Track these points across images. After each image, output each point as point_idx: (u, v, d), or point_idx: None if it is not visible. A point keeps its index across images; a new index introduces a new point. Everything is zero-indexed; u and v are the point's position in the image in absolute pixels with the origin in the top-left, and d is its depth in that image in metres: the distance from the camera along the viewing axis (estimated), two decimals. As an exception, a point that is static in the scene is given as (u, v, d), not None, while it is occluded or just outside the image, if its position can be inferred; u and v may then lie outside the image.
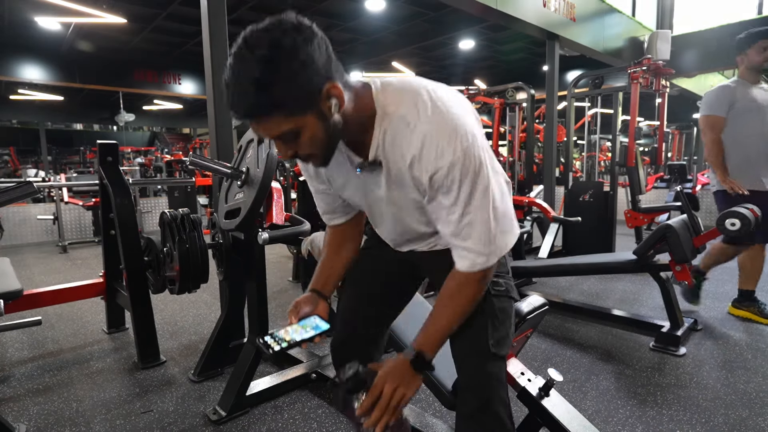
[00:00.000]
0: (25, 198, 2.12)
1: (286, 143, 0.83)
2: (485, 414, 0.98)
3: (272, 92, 0.74)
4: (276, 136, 0.82)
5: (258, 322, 1.89)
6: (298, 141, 0.82)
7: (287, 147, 0.84)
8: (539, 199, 4.14)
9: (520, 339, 1.24)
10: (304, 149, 0.84)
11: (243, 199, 1.69)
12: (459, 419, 1.03)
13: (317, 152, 0.86)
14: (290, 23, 0.79)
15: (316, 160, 0.88)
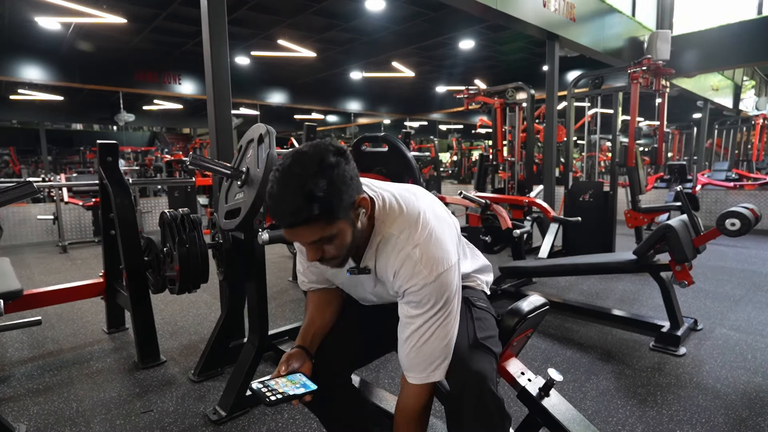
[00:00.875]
0: (25, 198, 2.12)
1: (318, 248, 0.94)
2: (476, 402, 0.97)
3: (320, 203, 0.85)
4: (313, 242, 0.92)
5: (258, 322, 1.89)
6: (329, 246, 0.93)
7: (317, 251, 0.94)
8: (539, 199, 4.13)
9: (520, 339, 1.24)
10: (331, 253, 0.94)
11: (243, 199, 1.68)
12: (448, 406, 1.02)
13: (341, 255, 0.97)
14: (332, 146, 0.91)
15: (337, 262, 0.98)
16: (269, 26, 7.38)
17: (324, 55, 8.92)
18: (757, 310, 2.96)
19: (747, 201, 6.15)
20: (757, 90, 11.68)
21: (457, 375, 1.01)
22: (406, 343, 1.00)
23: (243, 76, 10.08)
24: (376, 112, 13.73)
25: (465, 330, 1.07)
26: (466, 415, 0.97)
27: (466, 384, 0.99)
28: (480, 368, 0.99)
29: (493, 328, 1.16)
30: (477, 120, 8.72)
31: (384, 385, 2.06)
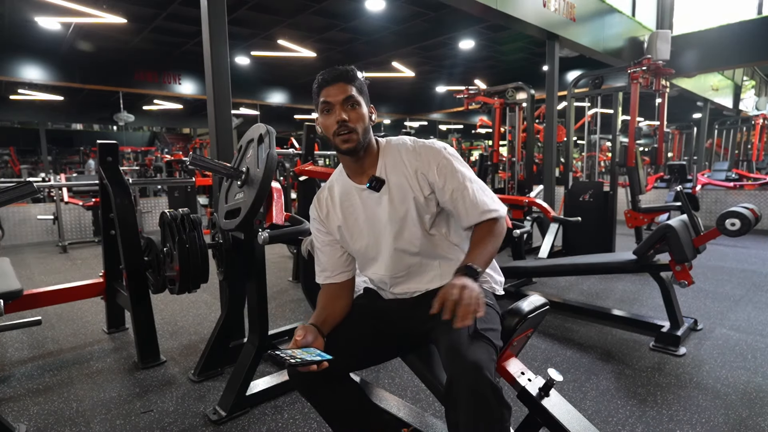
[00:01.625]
0: (25, 198, 2.12)
1: (346, 109, 1.17)
2: (473, 391, 0.95)
3: (357, 75, 1.20)
4: (346, 98, 1.17)
5: (258, 322, 1.89)
6: (353, 111, 1.17)
7: (345, 111, 1.17)
8: (539, 199, 4.13)
9: (520, 339, 1.24)
10: (353, 118, 1.17)
11: (243, 199, 1.69)
12: (446, 398, 1.00)
13: (359, 130, 1.17)
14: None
15: (355, 137, 1.17)
16: (269, 26, 7.38)
17: (324, 55, 8.92)
18: (757, 310, 2.96)
19: (747, 201, 6.15)
20: (757, 90, 11.68)
21: (454, 365, 0.99)
22: (476, 203, 1.19)
23: (243, 76, 10.08)
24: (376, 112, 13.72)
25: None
26: (463, 404, 0.95)
27: (462, 373, 0.97)
28: (476, 357, 0.98)
29: (496, 323, 1.16)
30: (477, 120, 8.72)
31: (384, 385, 2.06)
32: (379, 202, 1.23)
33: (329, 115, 1.18)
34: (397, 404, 1.76)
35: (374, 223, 1.25)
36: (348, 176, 1.27)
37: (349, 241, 1.29)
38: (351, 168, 1.26)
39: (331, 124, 1.17)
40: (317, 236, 1.34)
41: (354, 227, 1.28)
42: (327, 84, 1.18)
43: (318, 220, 1.33)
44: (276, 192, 1.88)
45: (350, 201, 1.27)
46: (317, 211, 1.33)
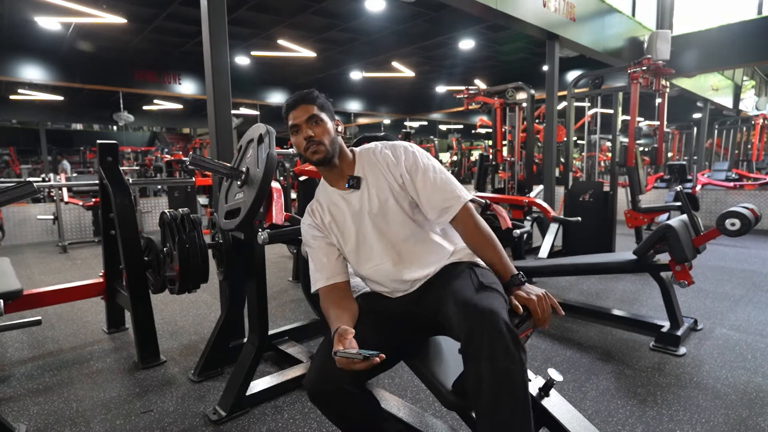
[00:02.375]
0: (25, 198, 2.12)
1: (311, 126, 1.29)
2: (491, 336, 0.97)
3: (318, 96, 1.33)
4: (309, 118, 1.28)
5: (258, 322, 1.89)
6: (318, 127, 1.29)
7: (310, 128, 1.28)
8: (539, 199, 4.13)
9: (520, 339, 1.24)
10: (319, 135, 1.28)
11: (243, 199, 1.68)
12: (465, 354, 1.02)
13: (325, 141, 1.29)
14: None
15: (322, 148, 1.29)
16: (269, 26, 7.37)
17: (324, 55, 8.92)
18: (757, 310, 2.96)
19: (747, 201, 6.15)
20: (757, 90, 11.68)
21: (470, 316, 1.02)
22: (436, 188, 1.29)
23: (243, 76, 10.07)
24: (376, 112, 13.73)
25: (469, 282, 1.16)
26: (485, 351, 0.97)
27: (480, 320, 0.99)
28: (491, 304, 1.02)
29: (498, 283, 1.19)
30: (477, 120, 8.71)
31: (384, 385, 2.06)
32: (361, 198, 1.33)
33: (298, 134, 1.30)
34: (397, 404, 1.76)
35: (360, 218, 1.33)
36: (329, 185, 1.38)
37: (342, 241, 1.36)
38: (330, 177, 1.37)
39: (301, 142, 1.29)
40: (313, 243, 1.38)
41: (343, 227, 1.36)
42: (292, 108, 1.31)
43: (313, 225, 1.39)
44: (276, 192, 1.88)
45: (336, 204, 1.36)
46: (312, 218, 1.40)
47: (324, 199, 1.40)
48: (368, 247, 1.34)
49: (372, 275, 1.36)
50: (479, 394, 0.99)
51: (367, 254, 1.34)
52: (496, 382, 0.97)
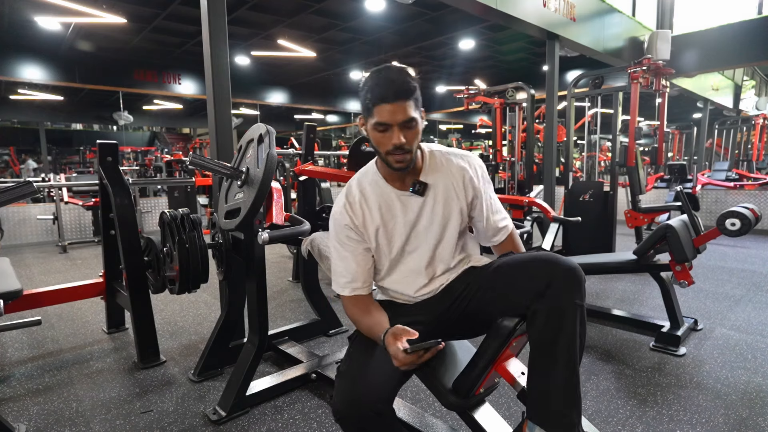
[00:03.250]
0: (25, 198, 2.12)
1: (404, 130, 1.11)
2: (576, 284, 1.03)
3: (416, 86, 1.14)
4: (404, 121, 1.10)
5: (258, 322, 1.89)
6: (411, 132, 1.12)
7: (402, 133, 1.11)
8: (539, 199, 4.13)
9: (520, 339, 1.24)
10: (409, 140, 1.12)
11: (243, 199, 1.68)
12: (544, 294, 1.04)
13: (413, 149, 1.15)
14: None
15: (409, 157, 1.15)
16: (269, 26, 7.38)
17: (324, 55, 8.92)
18: (757, 310, 2.96)
19: (747, 201, 6.15)
20: (757, 90, 11.67)
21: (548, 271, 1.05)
22: (493, 211, 1.29)
23: (243, 76, 10.08)
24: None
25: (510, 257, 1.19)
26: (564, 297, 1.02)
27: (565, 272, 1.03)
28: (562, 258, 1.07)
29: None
30: (477, 120, 8.71)
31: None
32: (423, 207, 1.23)
33: (384, 133, 1.12)
34: (397, 404, 1.76)
35: (414, 226, 1.24)
36: (385, 180, 1.23)
37: (385, 244, 1.25)
38: (390, 174, 1.22)
39: (386, 144, 1.12)
40: (347, 244, 1.25)
41: (393, 231, 1.24)
42: (384, 101, 1.09)
43: (351, 227, 1.24)
44: (276, 192, 1.88)
45: (388, 204, 1.23)
46: (351, 217, 1.23)
47: (374, 196, 1.23)
48: (412, 258, 1.26)
49: (398, 285, 1.30)
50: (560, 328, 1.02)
51: (407, 265, 1.27)
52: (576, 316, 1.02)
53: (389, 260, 1.27)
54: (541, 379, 1.06)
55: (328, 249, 1.86)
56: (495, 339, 1.15)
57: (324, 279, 3.67)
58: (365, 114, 1.15)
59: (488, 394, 1.29)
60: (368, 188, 1.24)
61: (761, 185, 6.85)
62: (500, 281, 1.15)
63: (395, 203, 1.23)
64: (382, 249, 1.26)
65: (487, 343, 1.16)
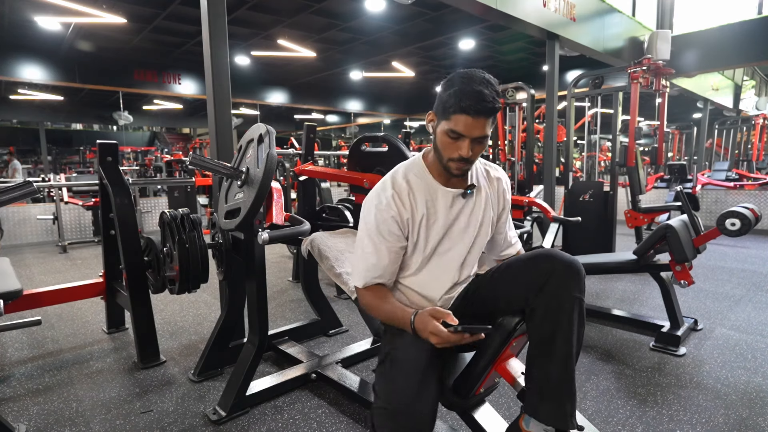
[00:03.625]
0: (25, 198, 2.12)
1: (475, 145, 1.11)
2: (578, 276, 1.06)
3: (500, 108, 1.07)
4: (479, 137, 1.10)
5: (258, 322, 1.89)
6: (479, 146, 1.12)
7: (472, 146, 1.11)
8: (539, 199, 4.13)
9: (520, 339, 1.24)
10: (476, 153, 1.13)
11: (243, 199, 1.68)
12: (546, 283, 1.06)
13: (474, 161, 1.19)
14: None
15: (467, 169, 1.17)
16: (269, 26, 7.38)
17: (324, 55, 8.92)
18: (757, 310, 2.96)
19: (747, 201, 6.15)
20: (757, 90, 11.67)
21: (545, 261, 1.09)
22: (507, 227, 1.38)
23: (243, 76, 10.08)
24: (376, 112, 13.73)
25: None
26: (565, 287, 1.05)
27: (564, 267, 1.06)
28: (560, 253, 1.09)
29: None
30: (477, 120, 8.69)
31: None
32: (464, 208, 1.24)
33: (455, 142, 1.11)
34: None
35: (452, 226, 1.24)
36: (432, 176, 1.23)
37: (423, 238, 1.22)
38: (439, 171, 1.21)
39: (452, 152, 1.12)
40: (386, 239, 1.19)
41: (433, 226, 1.22)
42: (466, 113, 1.06)
43: (398, 219, 1.19)
44: (276, 192, 1.88)
45: (434, 199, 1.22)
46: (400, 209, 1.19)
47: (420, 188, 1.21)
48: (444, 259, 1.25)
49: (424, 286, 1.27)
50: (559, 314, 1.05)
51: (438, 265, 1.26)
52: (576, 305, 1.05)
53: (422, 257, 1.25)
54: (537, 372, 1.08)
55: (328, 249, 1.87)
56: (495, 339, 1.15)
57: (324, 279, 3.67)
58: (441, 114, 1.12)
59: (488, 394, 1.29)
60: (414, 180, 1.22)
61: (761, 185, 6.85)
62: (501, 279, 1.18)
63: (440, 199, 1.22)
64: (419, 243, 1.23)
65: (487, 343, 1.16)
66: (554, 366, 1.05)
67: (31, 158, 14.01)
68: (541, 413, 1.07)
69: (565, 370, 1.05)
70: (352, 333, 2.72)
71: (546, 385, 1.07)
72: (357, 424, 1.77)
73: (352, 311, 3.05)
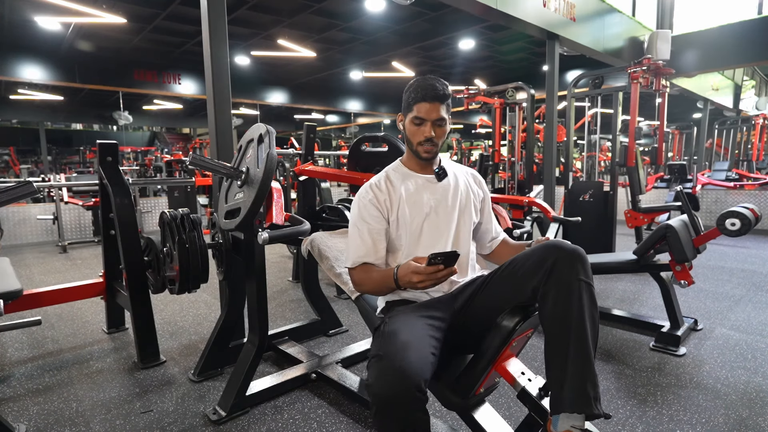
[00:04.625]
0: (25, 198, 2.12)
1: (435, 127, 1.32)
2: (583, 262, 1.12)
3: (449, 95, 1.35)
4: (437, 119, 1.31)
5: (258, 322, 1.89)
6: (440, 129, 1.33)
7: (434, 128, 1.32)
8: (539, 199, 4.12)
9: (520, 339, 1.24)
10: (439, 135, 1.34)
11: (243, 199, 1.68)
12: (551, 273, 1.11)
13: (439, 143, 1.36)
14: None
15: (435, 149, 1.36)
16: (269, 26, 7.38)
17: (324, 55, 8.92)
18: (757, 310, 2.96)
19: (747, 201, 6.15)
20: (757, 90, 11.67)
21: (551, 253, 1.14)
22: (491, 219, 1.52)
23: (243, 76, 10.08)
24: (376, 112, 13.73)
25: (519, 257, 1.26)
26: (572, 275, 1.10)
27: (568, 252, 1.12)
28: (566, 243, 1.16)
29: None
30: (477, 120, 8.71)
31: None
32: (446, 188, 1.40)
33: (419, 127, 1.33)
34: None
35: (439, 205, 1.38)
36: (407, 168, 1.43)
37: (406, 220, 1.36)
38: (416, 165, 1.42)
39: (418, 136, 1.34)
40: (369, 221, 1.36)
41: (415, 207, 1.37)
42: (424, 100, 1.30)
43: (374, 203, 1.36)
44: (276, 192, 1.88)
45: (413, 183, 1.39)
46: (375, 193, 1.38)
47: (398, 179, 1.41)
48: (437, 233, 1.36)
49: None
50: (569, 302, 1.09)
51: (430, 240, 1.36)
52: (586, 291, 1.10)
53: (409, 234, 1.36)
54: (557, 361, 1.08)
55: (328, 249, 1.87)
56: (495, 339, 1.15)
57: (324, 279, 3.67)
58: (405, 110, 1.36)
59: (488, 394, 1.29)
60: (392, 173, 1.43)
61: (761, 185, 6.85)
62: (509, 271, 1.21)
63: (417, 181, 1.40)
64: (402, 219, 1.36)
65: (487, 343, 1.16)
66: (571, 348, 1.06)
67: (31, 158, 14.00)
68: (565, 401, 1.05)
69: (583, 350, 1.06)
70: (352, 333, 2.72)
71: (565, 371, 1.06)
72: (357, 424, 1.77)
73: (352, 311, 3.05)
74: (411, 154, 1.41)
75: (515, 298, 1.18)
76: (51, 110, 12.34)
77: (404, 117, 1.37)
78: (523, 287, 1.15)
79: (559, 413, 1.05)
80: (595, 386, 1.05)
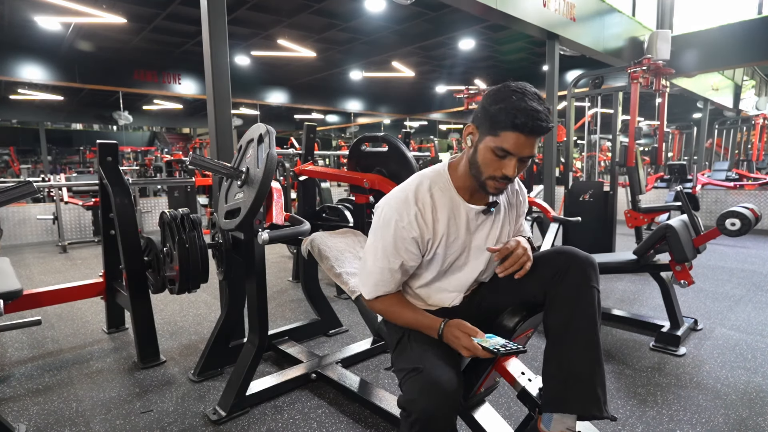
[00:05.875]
0: (24, 198, 2.12)
1: (520, 165, 1.08)
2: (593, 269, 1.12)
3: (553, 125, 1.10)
4: (526, 156, 1.05)
5: (258, 322, 1.89)
6: (523, 165, 1.08)
7: (518, 166, 1.07)
8: (539, 199, 4.13)
9: (520, 339, 1.24)
10: (520, 172, 1.10)
11: (243, 199, 1.68)
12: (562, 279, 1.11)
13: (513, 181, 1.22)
14: None
15: (506, 187, 1.14)
16: (269, 26, 7.38)
17: (324, 55, 8.92)
18: (757, 310, 2.96)
19: (747, 201, 6.15)
20: (757, 90, 11.67)
21: (565, 258, 1.13)
22: (519, 231, 1.33)
23: (243, 76, 10.07)
24: (376, 112, 13.73)
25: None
26: (583, 281, 1.10)
27: (575, 257, 1.12)
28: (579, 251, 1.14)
29: None
30: (477, 120, 8.69)
31: (384, 385, 2.06)
32: (484, 225, 1.20)
33: (500, 160, 1.05)
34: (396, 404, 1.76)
35: (471, 243, 1.21)
36: (456, 191, 1.17)
37: (441, 255, 1.19)
38: (465, 186, 1.17)
39: (495, 170, 1.07)
40: (402, 256, 1.16)
41: (453, 243, 1.18)
42: (520, 131, 1.01)
43: (417, 240, 1.14)
44: (276, 192, 1.88)
45: (456, 217, 1.17)
46: (422, 230, 1.14)
47: (444, 206, 1.16)
48: (460, 274, 1.23)
49: (436, 295, 1.26)
50: (576, 305, 1.09)
51: (453, 279, 1.24)
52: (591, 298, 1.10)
53: (437, 272, 1.22)
54: (561, 362, 1.08)
55: (328, 249, 1.86)
56: (495, 339, 1.15)
57: (324, 279, 3.67)
58: (487, 129, 1.05)
59: (488, 394, 1.29)
60: (438, 195, 1.16)
61: (761, 185, 6.85)
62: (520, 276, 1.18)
63: (462, 217, 1.17)
64: (436, 259, 1.19)
65: (487, 343, 1.16)
66: (581, 351, 1.06)
67: (31, 158, 13.99)
68: (569, 403, 1.04)
69: (593, 353, 1.06)
70: (352, 333, 2.72)
71: (573, 373, 1.06)
72: (357, 424, 1.77)
73: (352, 311, 3.05)
74: (471, 178, 1.13)
75: (525, 299, 1.19)
76: (51, 110, 12.34)
77: (480, 135, 1.08)
78: (535, 290, 1.15)
79: (556, 412, 1.06)
80: (603, 389, 1.06)
